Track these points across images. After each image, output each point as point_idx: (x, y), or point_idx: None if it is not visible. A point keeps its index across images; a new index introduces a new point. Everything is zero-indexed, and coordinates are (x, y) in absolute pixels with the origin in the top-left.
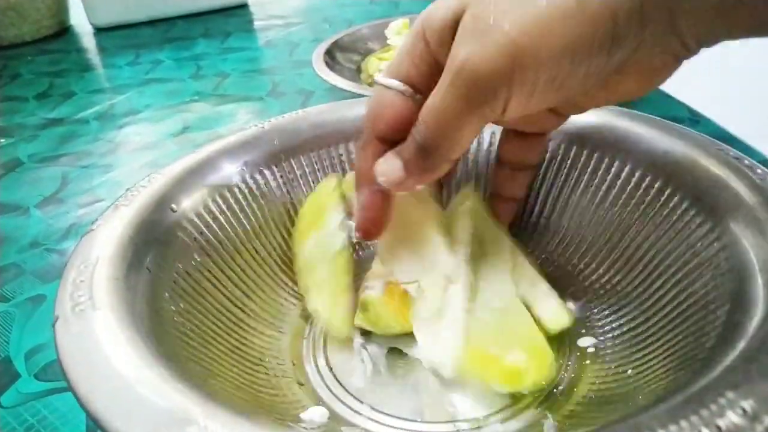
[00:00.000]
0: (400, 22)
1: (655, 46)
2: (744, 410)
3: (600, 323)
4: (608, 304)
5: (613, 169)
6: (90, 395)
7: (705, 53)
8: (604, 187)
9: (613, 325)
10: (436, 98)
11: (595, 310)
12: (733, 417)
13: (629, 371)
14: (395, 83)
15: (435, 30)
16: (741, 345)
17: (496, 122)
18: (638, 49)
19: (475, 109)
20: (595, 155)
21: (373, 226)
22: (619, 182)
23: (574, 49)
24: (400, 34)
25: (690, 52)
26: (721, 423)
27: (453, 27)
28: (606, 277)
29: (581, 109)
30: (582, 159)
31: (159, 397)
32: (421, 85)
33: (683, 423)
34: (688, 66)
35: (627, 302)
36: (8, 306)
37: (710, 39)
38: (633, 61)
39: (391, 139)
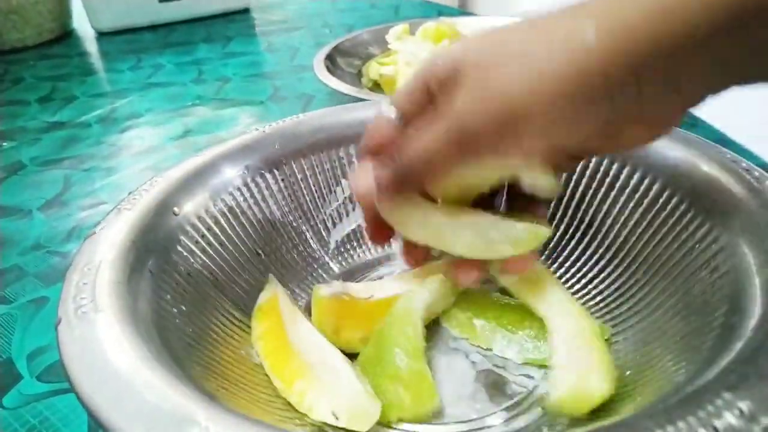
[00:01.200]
0: (401, 27)
1: (657, 103)
2: (741, 411)
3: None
4: (606, 306)
5: (611, 172)
6: (92, 396)
7: None
8: (602, 190)
9: (612, 326)
10: (427, 137)
11: (594, 311)
12: (730, 418)
13: (627, 372)
14: (391, 113)
15: (437, 76)
16: (738, 346)
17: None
18: (637, 103)
19: (464, 155)
20: (594, 158)
21: (379, 236)
22: (617, 184)
23: (563, 104)
24: (400, 39)
25: (693, 104)
26: (719, 424)
27: (453, 75)
28: (604, 279)
29: (591, 154)
30: (581, 162)
31: (161, 399)
32: (410, 116)
33: (680, 424)
34: None
35: (625, 304)
36: (10, 308)
37: (712, 92)
38: (634, 113)
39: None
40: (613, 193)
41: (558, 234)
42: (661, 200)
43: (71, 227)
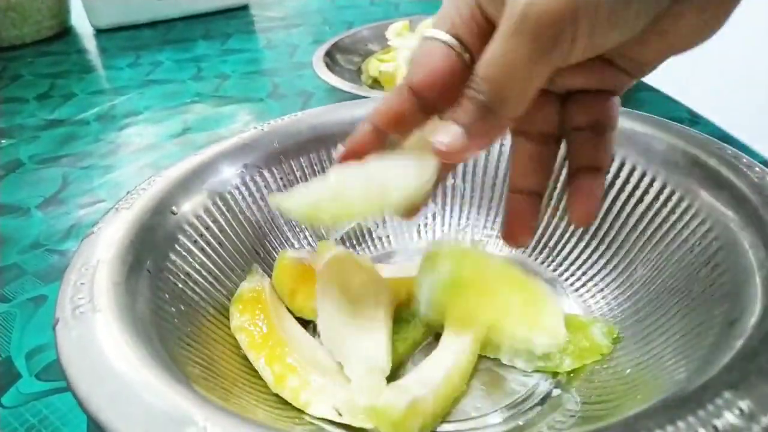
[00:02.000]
0: (401, 24)
1: None
2: (741, 410)
3: None
4: (606, 303)
5: (611, 169)
6: (90, 397)
7: (705, 56)
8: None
9: (613, 324)
10: (497, 49)
11: (594, 309)
12: (730, 417)
13: (628, 371)
14: (444, 36)
15: None
16: (739, 344)
17: (557, 77)
18: None
19: (544, 54)
20: None
21: (358, 154)
22: (618, 181)
23: None
24: (400, 35)
25: None
26: (718, 423)
27: None
28: (605, 277)
29: (641, 65)
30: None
31: (158, 399)
32: (468, 43)
33: (680, 424)
34: (688, 68)
35: (625, 302)
36: (9, 306)
37: None
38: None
39: (424, 94)
40: (613, 191)
41: (558, 232)
42: (662, 197)
43: (70, 225)
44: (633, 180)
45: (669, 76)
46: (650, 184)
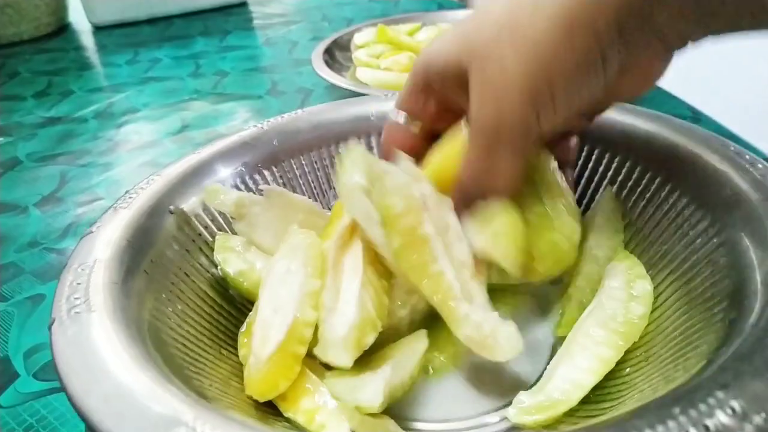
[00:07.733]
0: (367, 32)
1: (638, 48)
2: (733, 410)
3: None
4: None
5: (614, 165)
6: (83, 397)
7: (706, 53)
8: (605, 183)
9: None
10: (469, 155)
11: None
12: (722, 417)
13: (627, 370)
14: (400, 118)
15: (437, 78)
16: (737, 343)
17: None
18: (625, 54)
19: (508, 151)
20: (597, 150)
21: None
22: (620, 178)
23: (574, 78)
24: (366, 46)
25: (674, 48)
26: (710, 423)
27: (457, 78)
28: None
29: (594, 113)
30: (584, 154)
31: (150, 399)
32: (422, 115)
33: (671, 423)
34: (690, 65)
35: None
36: (7, 305)
37: (692, 36)
38: (625, 65)
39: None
40: (614, 188)
41: None
42: (663, 193)
43: (68, 224)
44: (634, 177)
45: (671, 74)
46: (651, 182)
